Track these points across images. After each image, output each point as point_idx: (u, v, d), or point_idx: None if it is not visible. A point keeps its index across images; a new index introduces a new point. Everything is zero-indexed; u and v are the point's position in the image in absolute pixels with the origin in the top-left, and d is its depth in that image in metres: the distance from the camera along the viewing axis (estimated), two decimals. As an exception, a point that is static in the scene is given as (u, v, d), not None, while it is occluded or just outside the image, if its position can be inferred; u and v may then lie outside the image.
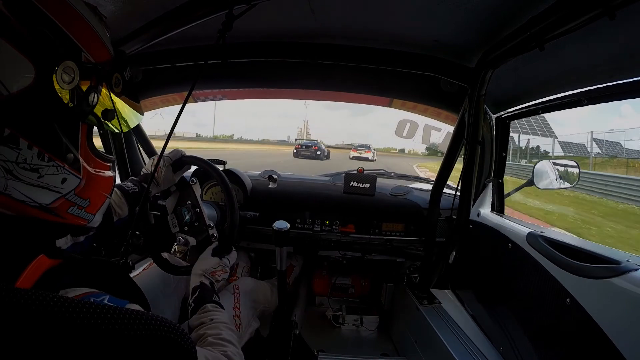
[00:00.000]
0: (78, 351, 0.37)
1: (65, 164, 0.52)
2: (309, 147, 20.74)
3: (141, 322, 0.40)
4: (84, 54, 0.53)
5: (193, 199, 1.20)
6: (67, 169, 0.52)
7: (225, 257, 1.05)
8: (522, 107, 1.30)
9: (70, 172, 0.53)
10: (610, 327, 0.71)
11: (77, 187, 0.54)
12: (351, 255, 1.70)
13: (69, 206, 0.54)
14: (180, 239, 1.17)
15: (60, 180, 0.51)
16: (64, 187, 0.52)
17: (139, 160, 1.80)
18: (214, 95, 1.78)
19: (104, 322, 0.38)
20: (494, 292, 1.24)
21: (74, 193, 0.54)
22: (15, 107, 0.45)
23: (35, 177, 0.48)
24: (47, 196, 0.50)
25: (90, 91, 0.54)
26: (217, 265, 1.00)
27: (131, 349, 0.39)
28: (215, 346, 0.69)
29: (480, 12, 0.91)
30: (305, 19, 1.07)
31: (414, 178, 2.11)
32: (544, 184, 1.34)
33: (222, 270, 1.01)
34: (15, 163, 0.46)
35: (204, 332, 0.74)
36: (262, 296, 1.38)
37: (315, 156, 19.63)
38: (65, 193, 0.53)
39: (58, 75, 0.49)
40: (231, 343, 0.72)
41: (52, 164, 0.50)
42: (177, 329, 0.44)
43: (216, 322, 0.78)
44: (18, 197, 0.47)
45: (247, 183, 1.62)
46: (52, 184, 0.50)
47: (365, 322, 1.86)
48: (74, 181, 0.54)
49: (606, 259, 0.80)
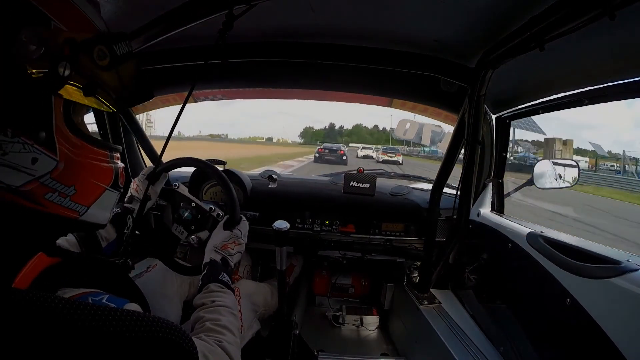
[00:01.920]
0: (78, 353, 0.36)
1: (33, 141, 0.47)
2: (334, 151, 18.59)
3: (141, 324, 0.40)
4: (54, 22, 0.49)
5: (184, 198, 1.21)
6: (36, 148, 0.47)
7: (237, 229, 1.02)
8: (523, 107, 1.30)
9: (41, 151, 0.48)
10: (611, 327, 0.71)
11: (55, 170, 0.49)
12: (351, 255, 1.70)
13: (46, 192, 0.49)
14: (193, 239, 1.15)
15: (30, 160, 0.47)
16: (36, 168, 0.47)
17: (139, 160, 1.80)
18: (213, 95, 1.78)
19: (104, 324, 0.37)
20: (494, 292, 1.24)
21: (49, 177, 0.49)
22: None
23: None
24: (15, 177, 0.46)
25: (60, 61, 0.48)
26: (228, 238, 0.97)
27: (131, 350, 0.39)
28: (212, 333, 0.67)
29: (480, 12, 0.91)
30: (305, 18, 1.07)
31: (414, 178, 2.11)
32: (543, 184, 1.34)
33: (235, 242, 0.97)
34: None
35: (203, 315, 0.72)
36: (262, 299, 1.37)
37: (340, 161, 17.64)
38: (38, 176, 0.48)
39: (19, 44, 0.45)
40: (229, 330, 0.69)
41: (17, 141, 0.45)
42: (178, 330, 0.44)
43: (217, 304, 0.75)
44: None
45: (247, 183, 1.61)
46: (19, 163, 0.46)
47: (365, 322, 1.86)
48: (48, 163, 0.49)
49: (606, 259, 0.80)
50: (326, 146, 20.15)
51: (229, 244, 0.96)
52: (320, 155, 18.47)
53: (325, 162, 17.61)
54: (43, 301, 0.36)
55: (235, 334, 0.70)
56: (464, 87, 1.29)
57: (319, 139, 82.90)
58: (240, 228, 1.04)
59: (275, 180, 1.67)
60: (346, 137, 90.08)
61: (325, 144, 21.72)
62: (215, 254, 0.93)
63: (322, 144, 23.59)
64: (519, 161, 22.52)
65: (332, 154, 18.33)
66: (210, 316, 0.71)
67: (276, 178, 1.68)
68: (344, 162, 17.75)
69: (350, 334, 1.82)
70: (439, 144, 6.77)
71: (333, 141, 73.28)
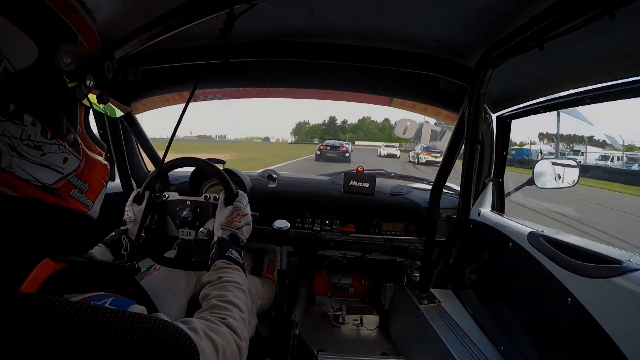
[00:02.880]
0: (78, 355, 0.36)
1: (66, 143, 0.53)
2: (336, 148, 18.01)
3: (142, 326, 0.40)
4: (80, 39, 0.55)
5: (177, 202, 1.23)
6: (67, 149, 0.53)
7: (237, 201, 1.03)
8: (522, 106, 1.30)
9: (71, 152, 0.54)
10: (612, 327, 0.71)
11: (78, 168, 0.55)
12: (351, 254, 1.70)
13: (70, 188, 0.55)
14: (203, 231, 1.15)
15: (62, 159, 0.52)
16: (65, 167, 0.53)
17: (139, 160, 1.79)
18: (213, 95, 1.78)
19: (105, 326, 0.38)
20: (494, 291, 1.24)
21: (74, 174, 0.55)
22: (20, 84, 0.47)
23: (39, 154, 0.49)
24: (50, 175, 0.51)
25: (88, 73, 0.56)
26: (231, 213, 0.98)
27: (132, 352, 0.39)
28: (217, 310, 0.66)
29: (480, 11, 0.91)
30: (305, 18, 1.07)
31: (414, 178, 2.11)
32: (543, 184, 1.34)
33: (239, 215, 0.98)
34: (20, 140, 0.46)
35: (210, 292, 0.72)
36: (254, 290, 1.38)
37: (342, 158, 17.15)
38: (66, 174, 0.53)
39: (59, 56, 0.50)
40: (234, 305, 0.68)
41: (54, 142, 0.51)
42: (179, 331, 0.44)
43: (224, 280, 0.75)
44: (22, 176, 0.48)
45: (247, 183, 1.61)
46: (54, 162, 0.51)
47: (365, 322, 1.87)
48: (75, 162, 0.55)
49: (607, 259, 0.80)
50: (328, 143, 19.47)
51: (233, 218, 0.97)
52: (321, 152, 17.82)
53: (327, 160, 17.14)
54: (43, 303, 0.36)
55: (242, 309, 0.69)
56: (463, 86, 1.29)
57: (317, 135, 74.01)
58: (240, 199, 1.05)
59: (275, 179, 1.67)
60: (350, 133, 78.54)
61: (326, 141, 20.89)
62: (222, 231, 0.94)
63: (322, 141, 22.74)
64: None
65: (333, 151, 17.69)
66: (216, 293, 0.71)
67: (276, 177, 1.68)
68: (346, 159, 17.15)
69: (350, 334, 1.82)
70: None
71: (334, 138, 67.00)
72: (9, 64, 0.45)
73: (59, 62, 0.51)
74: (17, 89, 0.47)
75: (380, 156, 24.17)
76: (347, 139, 67.01)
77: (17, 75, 0.46)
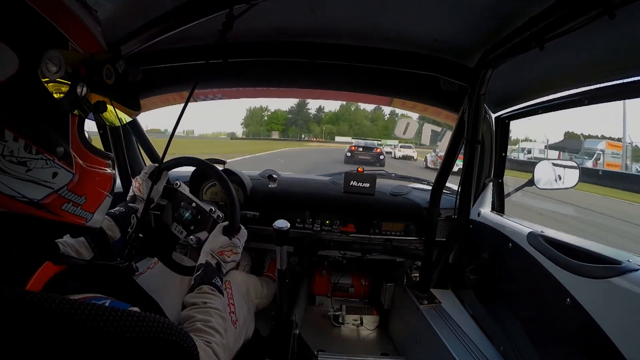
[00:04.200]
0: (78, 352, 0.37)
1: (54, 157, 0.49)
2: (370, 149, 15.41)
3: (142, 324, 0.40)
4: (71, 43, 0.51)
5: (184, 198, 1.21)
6: (57, 163, 0.50)
7: (236, 237, 1.02)
8: (522, 106, 1.30)
9: (61, 166, 0.50)
10: (611, 327, 0.71)
11: (70, 182, 0.52)
12: (351, 255, 1.70)
13: (63, 203, 0.52)
14: (192, 239, 1.15)
15: (51, 174, 0.49)
16: (55, 182, 0.50)
17: (139, 160, 1.80)
18: (213, 95, 1.78)
19: (105, 324, 0.38)
20: (494, 292, 1.24)
21: (67, 189, 0.52)
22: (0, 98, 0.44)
23: (24, 170, 0.46)
24: (37, 191, 0.48)
25: (79, 81, 0.52)
26: (226, 245, 0.97)
27: (132, 350, 0.39)
28: (202, 334, 0.69)
29: (480, 11, 0.91)
30: (305, 18, 1.07)
31: (414, 178, 2.11)
32: (543, 184, 1.34)
33: (232, 251, 0.97)
34: (2, 156, 0.44)
35: (194, 315, 0.74)
36: (253, 289, 1.37)
37: (376, 161, 14.53)
38: (57, 188, 0.50)
39: (43, 65, 0.47)
40: (218, 332, 0.71)
41: (41, 157, 0.48)
42: (179, 331, 0.44)
43: (209, 306, 0.77)
44: (6, 192, 0.45)
45: (247, 183, 1.61)
46: (41, 178, 0.48)
47: (365, 322, 1.86)
48: (66, 176, 0.51)
49: (607, 259, 0.80)
50: (360, 144, 16.64)
51: (226, 251, 0.96)
52: (352, 154, 15.19)
53: (358, 162, 13.96)
54: (44, 301, 0.36)
55: (223, 337, 0.72)
56: (463, 86, 1.29)
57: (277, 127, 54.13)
58: (240, 237, 1.04)
59: (276, 180, 1.67)
60: (327, 124, 55.60)
61: (359, 141, 17.85)
62: (211, 257, 0.93)
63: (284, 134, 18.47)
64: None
65: (366, 153, 15.04)
66: (201, 317, 0.73)
67: (276, 178, 1.68)
68: (381, 162, 14.68)
69: (350, 334, 1.82)
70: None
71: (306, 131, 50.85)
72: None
73: (43, 71, 0.47)
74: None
75: (394, 158, 20.99)
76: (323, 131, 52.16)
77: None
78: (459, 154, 1.44)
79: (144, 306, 0.54)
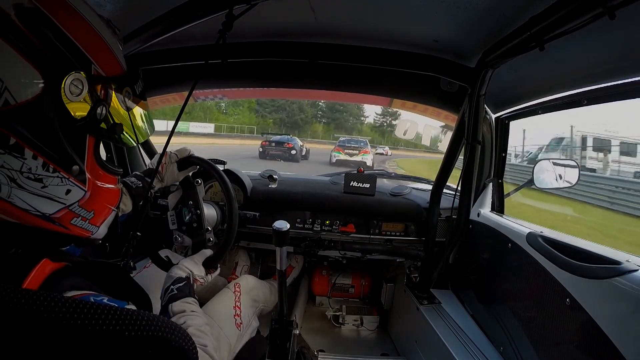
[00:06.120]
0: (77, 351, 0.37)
1: (70, 175, 0.51)
2: (281, 144, 15.12)
3: (141, 323, 0.40)
4: (94, 66, 0.53)
5: (195, 200, 1.20)
6: (71, 181, 0.52)
7: (209, 275, 1.04)
8: (522, 107, 1.30)
9: (75, 184, 0.52)
10: (610, 327, 0.71)
11: (82, 199, 0.54)
12: (351, 255, 1.70)
13: (73, 217, 0.54)
14: (177, 237, 1.17)
15: (65, 191, 0.51)
16: (68, 198, 0.52)
17: (139, 160, 1.80)
18: (213, 95, 1.78)
19: (103, 322, 0.38)
20: (494, 292, 1.24)
21: (78, 204, 0.54)
22: (22, 117, 0.45)
23: (39, 187, 0.48)
24: (50, 206, 0.50)
25: (99, 104, 0.54)
26: (200, 276, 0.99)
27: (131, 349, 0.39)
28: (196, 338, 0.70)
29: (480, 11, 0.91)
30: (305, 18, 1.07)
31: (414, 178, 2.11)
32: (543, 184, 1.34)
33: (201, 283, 1.00)
34: (20, 172, 0.46)
35: (185, 320, 0.75)
36: (262, 295, 1.38)
37: (289, 156, 14.42)
38: (69, 204, 0.53)
39: (66, 87, 0.49)
40: (209, 338, 0.74)
41: (57, 175, 0.50)
42: (179, 330, 0.44)
43: (196, 315, 0.80)
44: (20, 205, 0.47)
45: (247, 183, 1.61)
46: (56, 194, 0.50)
47: (365, 322, 1.86)
48: (79, 193, 0.54)
49: (606, 259, 0.80)
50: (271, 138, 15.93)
51: (198, 279, 0.98)
52: (264, 149, 14.75)
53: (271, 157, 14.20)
54: (42, 299, 0.36)
55: (213, 341, 0.75)
56: (464, 86, 1.29)
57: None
58: (213, 275, 1.06)
59: (276, 180, 1.67)
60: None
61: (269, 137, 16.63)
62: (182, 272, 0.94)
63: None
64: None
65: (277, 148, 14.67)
66: (192, 322, 0.75)
67: (276, 178, 1.68)
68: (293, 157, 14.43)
69: (350, 334, 1.82)
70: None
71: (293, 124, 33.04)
72: (10, 96, 0.44)
73: (66, 93, 0.49)
74: (18, 122, 0.45)
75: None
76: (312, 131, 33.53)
77: (18, 108, 0.45)
78: (459, 154, 1.44)
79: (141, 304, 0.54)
